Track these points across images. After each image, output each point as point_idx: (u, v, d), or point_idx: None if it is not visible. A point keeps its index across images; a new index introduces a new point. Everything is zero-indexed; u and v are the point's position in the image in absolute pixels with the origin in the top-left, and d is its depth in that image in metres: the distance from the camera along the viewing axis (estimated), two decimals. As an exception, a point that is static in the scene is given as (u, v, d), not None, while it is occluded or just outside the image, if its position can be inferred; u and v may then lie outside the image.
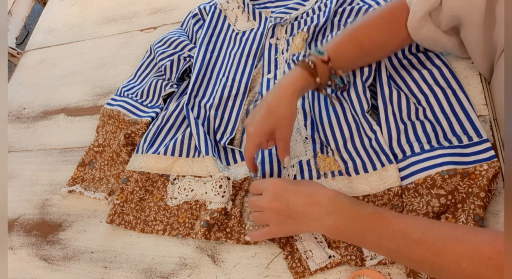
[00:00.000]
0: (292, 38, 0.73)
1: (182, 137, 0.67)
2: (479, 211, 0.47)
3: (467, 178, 0.49)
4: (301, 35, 0.72)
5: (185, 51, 0.78)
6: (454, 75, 0.59)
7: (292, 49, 0.72)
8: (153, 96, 0.78)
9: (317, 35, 0.73)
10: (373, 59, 0.61)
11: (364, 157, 0.57)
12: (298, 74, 0.55)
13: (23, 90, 0.97)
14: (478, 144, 0.52)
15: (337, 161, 0.58)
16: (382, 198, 0.53)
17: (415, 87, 0.60)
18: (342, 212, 0.46)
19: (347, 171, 0.57)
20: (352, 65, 0.60)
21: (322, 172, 0.58)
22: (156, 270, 0.60)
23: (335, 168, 0.58)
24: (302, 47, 0.71)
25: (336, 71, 0.57)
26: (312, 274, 0.52)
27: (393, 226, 0.42)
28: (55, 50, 1.02)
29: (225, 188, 0.60)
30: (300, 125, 0.64)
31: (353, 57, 0.58)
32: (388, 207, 0.52)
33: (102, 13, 1.03)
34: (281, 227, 0.50)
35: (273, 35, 0.76)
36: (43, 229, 0.72)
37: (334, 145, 0.59)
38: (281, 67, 0.72)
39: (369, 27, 0.58)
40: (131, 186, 0.67)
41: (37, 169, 0.80)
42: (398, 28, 0.57)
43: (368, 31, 0.58)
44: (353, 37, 0.58)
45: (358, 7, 0.73)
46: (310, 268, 0.52)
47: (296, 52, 0.71)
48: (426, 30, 0.55)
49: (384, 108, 0.59)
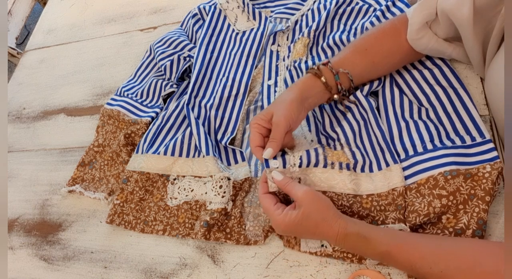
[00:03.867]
0: (293, 44, 0.73)
1: (182, 137, 0.67)
2: (483, 215, 0.47)
3: (470, 179, 0.49)
4: (302, 41, 0.72)
5: (185, 51, 0.78)
6: (455, 74, 0.59)
7: (293, 55, 0.72)
8: (153, 96, 0.78)
9: (318, 38, 0.73)
10: (381, 70, 0.61)
11: (371, 156, 0.56)
12: (304, 76, 0.59)
13: (23, 90, 0.97)
14: (481, 145, 0.51)
15: (346, 153, 0.57)
16: (386, 198, 0.52)
17: (416, 87, 0.60)
18: (350, 248, 0.49)
19: (354, 166, 0.56)
20: (361, 77, 0.60)
21: (330, 161, 0.56)
22: (156, 270, 0.60)
23: (344, 160, 0.56)
24: (303, 53, 0.71)
25: (338, 70, 0.57)
26: (299, 251, 0.54)
27: (400, 261, 0.45)
28: (55, 50, 1.02)
29: (225, 188, 0.60)
30: (305, 131, 0.63)
31: (359, 68, 0.58)
32: (392, 207, 0.52)
33: (102, 13, 1.03)
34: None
35: (274, 42, 0.75)
36: (43, 229, 0.72)
37: (344, 139, 0.59)
38: (282, 74, 0.72)
39: (373, 40, 0.59)
40: (131, 186, 0.67)
41: (37, 169, 0.80)
42: (401, 41, 0.58)
43: (372, 43, 0.59)
44: (358, 48, 0.59)
45: (358, 7, 0.73)
46: (300, 246, 0.53)
47: (298, 58, 0.71)
48: (426, 40, 0.56)
49: (385, 108, 0.59)
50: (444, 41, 0.56)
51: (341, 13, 0.73)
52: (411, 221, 0.50)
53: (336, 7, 0.73)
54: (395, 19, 0.60)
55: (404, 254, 0.45)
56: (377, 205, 0.53)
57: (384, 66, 0.60)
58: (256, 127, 0.55)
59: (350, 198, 0.54)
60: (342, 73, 0.58)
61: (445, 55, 0.58)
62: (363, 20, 0.71)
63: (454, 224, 0.48)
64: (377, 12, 0.68)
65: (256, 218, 0.58)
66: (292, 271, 0.53)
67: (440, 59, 0.61)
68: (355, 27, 0.71)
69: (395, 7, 0.68)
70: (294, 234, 0.53)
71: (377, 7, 0.72)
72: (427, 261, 0.43)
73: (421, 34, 0.56)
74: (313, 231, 0.49)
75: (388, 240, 0.46)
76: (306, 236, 0.52)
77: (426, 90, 0.59)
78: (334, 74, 0.57)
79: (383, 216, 0.52)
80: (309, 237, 0.52)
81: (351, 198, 0.54)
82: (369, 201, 0.53)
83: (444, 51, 0.57)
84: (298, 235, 0.53)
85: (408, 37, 0.57)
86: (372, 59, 0.59)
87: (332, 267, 0.52)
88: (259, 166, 0.63)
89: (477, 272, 0.41)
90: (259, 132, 0.55)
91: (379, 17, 0.68)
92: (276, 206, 0.51)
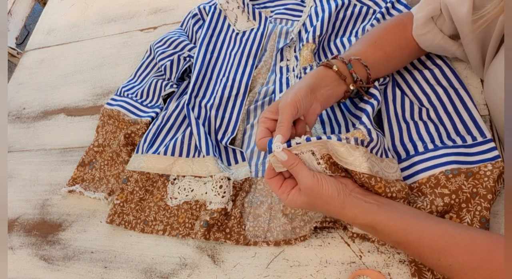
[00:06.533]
0: (299, 52, 0.72)
1: (182, 137, 0.67)
2: (485, 213, 0.47)
3: (471, 177, 0.49)
4: (308, 47, 0.70)
5: (185, 51, 0.78)
6: (455, 74, 0.59)
7: (301, 62, 0.70)
8: (153, 96, 0.78)
9: (322, 44, 0.72)
10: (394, 62, 0.59)
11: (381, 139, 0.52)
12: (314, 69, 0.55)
13: (23, 90, 0.97)
14: (482, 144, 0.51)
15: (361, 130, 0.50)
16: (395, 185, 0.49)
17: (417, 87, 0.60)
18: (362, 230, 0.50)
19: (368, 145, 0.50)
20: (377, 69, 0.57)
21: (344, 137, 0.48)
22: (156, 270, 0.60)
23: (359, 136, 0.49)
24: (311, 58, 0.69)
25: (350, 59, 0.54)
26: None
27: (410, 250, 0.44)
28: (55, 50, 1.02)
29: (225, 188, 0.60)
30: (319, 133, 0.62)
31: (372, 60, 0.56)
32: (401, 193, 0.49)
33: (102, 13, 1.03)
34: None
35: (282, 59, 0.74)
36: (43, 229, 0.72)
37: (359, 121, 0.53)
38: (292, 83, 0.70)
39: (381, 33, 0.58)
40: (131, 186, 0.67)
41: (37, 169, 0.80)
42: (407, 35, 0.57)
43: (380, 36, 0.58)
44: (367, 41, 0.57)
45: (357, 10, 0.72)
46: None
47: (307, 64, 0.69)
48: (432, 36, 0.55)
49: (386, 108, 0.59)
50: (449, 39, 0.56)
51: (342, 18, 0.73)
52: None
53: (336, 11, 0.73)
54: (400, 15, 0.60)
55: (414, 246, 0.44)
56: (389, 191, 0.49)
57: (396, 58, 0.58)
58: (263, 121, 0.51)
59: (365, 178, 0.49)
60: (354, 60, 0.54)
61: (449, 53, 0.58)
62: (363, 24, 0.71)
63: None
64: (377, 15, 0.68)
65: (256, 219, 0.58)
66: (292, 271, 0.53)
67: (441, 59, 0.61)
68: (356, 31, 0.71)
69: (394, 9, 0.68)
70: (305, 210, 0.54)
71: (376, 9, 0.72)
72: (437, 253, 0.42)
73: (426, 29, 0.55)
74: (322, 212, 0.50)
75: (399, 232, 0.44)
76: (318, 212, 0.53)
77: (427, 90, 0.59)
78: (346, 64, 0.54)
79: None
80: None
81: (365, 178, 0.49)
82: (382, 185, 0.49)
83: (449, 48, 0.56)
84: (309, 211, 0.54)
85: (414, 33, 0.56)
86: (383, 51, 0.57)
87: (332, 267, 0.52)
88: (259, 166, 0.63)
89: (488, 268, 0.39)
90: (265, 126, 0.51)
91: (379, 20, 0.68)
92: (281, 190, 0.49)
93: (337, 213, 0.47)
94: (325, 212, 0.49)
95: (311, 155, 0.49)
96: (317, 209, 0.49)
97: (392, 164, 0.53)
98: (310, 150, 0.49)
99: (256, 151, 0.65)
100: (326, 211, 0.48)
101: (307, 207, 0.49)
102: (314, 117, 0.52)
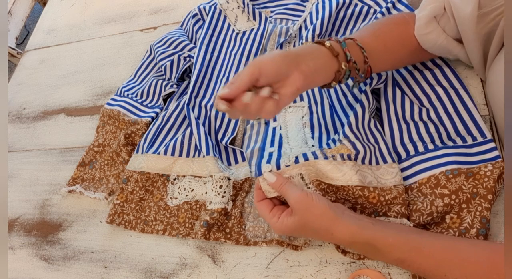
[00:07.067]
0: None
1: (182, 137, 0.67)
2: (486, 214, 0.47)
3: (471, 178, 0.49)
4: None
5: (185, 51, 0.78)
6: (456, 75, 0.59)
7: None
8: (153, 96, 0.78)
9: None
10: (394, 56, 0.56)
11: (371, 148, 0.54)
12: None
13: (23, 90, 0.97)
14: (482, 144, 0.51)
15: (345, 145, 0.53)
16: (391, 192, 0.51)
17: (417, 88, 0.60)
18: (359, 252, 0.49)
19: (356, 157, 0.52)
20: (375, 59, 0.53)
21: (330, 155, 0.50)
22: (156, 270, 0.60)
23: (345, 151, 0.51)
24: None
25: (345, 38, 0.52)
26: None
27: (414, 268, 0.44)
28: (55, 50, 1.02)
29: (225, 188, 0.60)
30: (307, 137, 0.62)
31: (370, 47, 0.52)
32: (398, 200, 0.50)
33: (102, 13, 1.03)
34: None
35: None
36: (43, 229, 0.72)
37: (342, 133, 0.55)
38: None
39: (382, 26, 0.56)
40: (131, 186, 0.67)
41: (37, 169, 0.80)
42: (409, 32, 0.55)
43: (381, 28, 0.56)
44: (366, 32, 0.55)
45: (358, 9, 0.72)
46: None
47: None
48: (435, 36, 0.54)
49: (387, 108, 0.59)
50: (453, 40, 0.54)
51: (342, 17, 0.73)
52: (414, 220, 0.49)
53: (337, 10, 0.73)
54: (404, 13, 0.58)
55: (418, 261, 0.43)
56: (384, 200, 0.50)
57: (396, 52, 0.56)
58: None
59: (357, 191, 0.51)
60: (349, 40, 0.51)
61: (452, 54, 0.56)
62: (364, 23, 0.71)
63: (458, 225, 0.48)
64: (378, 15, 0.68)
65: (256, 219, 0.58)
66: (292, 271, 0.53)
67: (441, 59, 0.61)
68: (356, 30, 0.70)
69: (395, 9, 0.68)
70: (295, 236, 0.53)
71: (377, 8, 0.72)
72: (443, 268, 0.41)
73: (429, 28, 0.53)
74: (313, 236, 0.48)
75: (401, 246, 0.43)
76: (308, 237, 0.52)
77: (427, 90, 0.59)
78: (339, 42, 0.50)
79: (386, 208, 0.51)
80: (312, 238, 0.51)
81: (358, 191, 0.51)
82: (376, 195, 0.50)
83: (452, 50, 0.55)
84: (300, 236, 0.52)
85: (416, 32, 0.55)
86: (383, 42, 0.54)
87: (332, 267, 0.52)
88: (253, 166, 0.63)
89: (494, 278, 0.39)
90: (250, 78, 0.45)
91: None
92: (271, 214, 0.49)
93: (331, 231, 0.45)
94: (318, 232, 0.46)
95: (301, 180, 0.51)
96: (308, 229, 0.46)
97: (391, 169, 0.53)
98: (299, 174, 0.51)
99: (256, 151, 0.65)
100: (318, 229, 0.46)
101: (299, 229, 0.47)
102: (291, 89, 0.45)
